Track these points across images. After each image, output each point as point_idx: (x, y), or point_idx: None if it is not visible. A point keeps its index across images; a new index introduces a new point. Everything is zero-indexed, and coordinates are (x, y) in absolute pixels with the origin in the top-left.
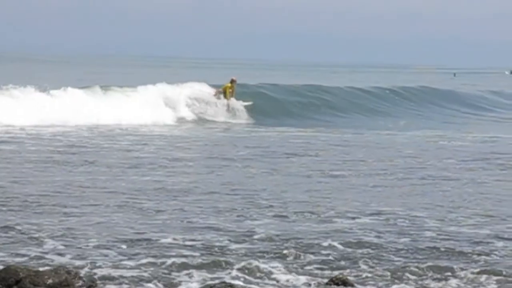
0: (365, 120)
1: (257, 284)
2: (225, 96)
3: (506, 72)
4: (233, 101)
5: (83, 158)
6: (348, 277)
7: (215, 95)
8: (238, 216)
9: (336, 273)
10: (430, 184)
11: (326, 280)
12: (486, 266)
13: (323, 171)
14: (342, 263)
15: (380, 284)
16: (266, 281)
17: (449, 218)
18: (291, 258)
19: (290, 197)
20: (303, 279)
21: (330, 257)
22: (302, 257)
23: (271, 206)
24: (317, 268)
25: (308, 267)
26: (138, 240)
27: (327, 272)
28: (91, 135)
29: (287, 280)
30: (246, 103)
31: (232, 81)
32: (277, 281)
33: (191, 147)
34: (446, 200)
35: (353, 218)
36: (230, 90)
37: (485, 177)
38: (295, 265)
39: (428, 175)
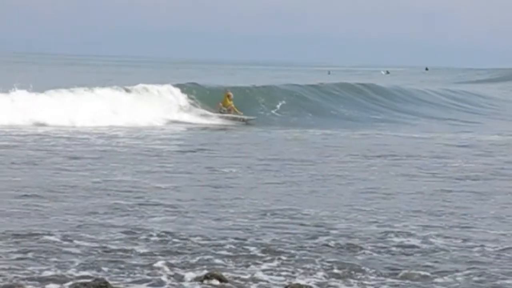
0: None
1: (139, 282)
2: (226, 106)
3: (382, 72)
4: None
5: None
6: (223, 273)
7: (217, 112)
8: (131, 214)
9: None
10: (319, 180)
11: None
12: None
13: (213, 168)
14: (240, 259)
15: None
16: (145, 275)
17: (344, 216)
18: (182, 256)
19: (186, 195)
20: (187, 277)
21: (224, 255)
22: (195, 255)
23: (166, 204)
24: (208, 266)
25: (198, 265)
26: (23, 236)
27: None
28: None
29: (170, 277)
30: (249, 118)
31: (228, 96)
32: (158, 277)
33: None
34: (339, 197)
35: (248, 217)
36: (229, 103)
37: (377, 173)
38: (184, 263)
39: (317, 173)
